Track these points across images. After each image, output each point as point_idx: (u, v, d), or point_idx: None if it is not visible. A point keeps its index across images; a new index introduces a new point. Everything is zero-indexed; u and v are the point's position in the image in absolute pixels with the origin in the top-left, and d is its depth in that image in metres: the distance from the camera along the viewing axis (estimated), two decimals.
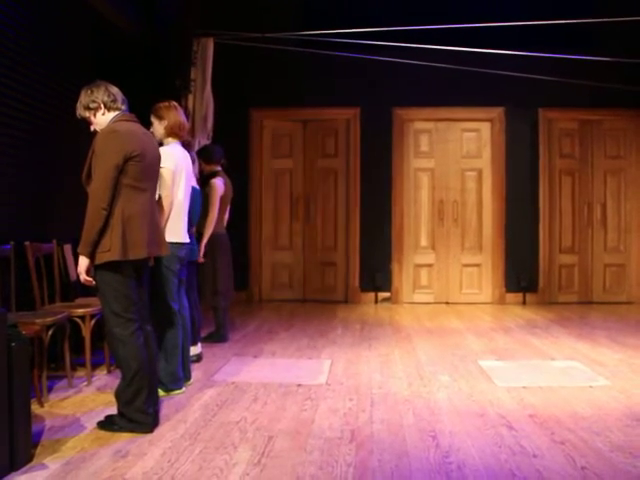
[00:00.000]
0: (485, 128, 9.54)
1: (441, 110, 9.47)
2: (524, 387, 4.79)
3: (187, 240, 4.71)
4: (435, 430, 3.83)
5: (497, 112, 9.42)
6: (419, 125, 9.58)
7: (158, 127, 4.58)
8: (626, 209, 9.51)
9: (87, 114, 3.85)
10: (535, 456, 3.40)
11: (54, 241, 5.35)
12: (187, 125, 4.85)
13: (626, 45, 8.44)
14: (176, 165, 4.48)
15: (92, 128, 3.88)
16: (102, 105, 3.82)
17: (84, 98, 3.85)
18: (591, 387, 4.80)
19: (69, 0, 5.99)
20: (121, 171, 3.66)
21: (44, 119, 5.56)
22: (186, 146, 5.45)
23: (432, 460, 3.35)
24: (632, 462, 3.30)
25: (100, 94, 3.82)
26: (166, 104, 4.67)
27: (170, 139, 4.60)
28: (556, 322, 7.84)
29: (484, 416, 4.10)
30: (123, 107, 3.87)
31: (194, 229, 5.65)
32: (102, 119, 3.83)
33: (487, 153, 9.54)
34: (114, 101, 3.83)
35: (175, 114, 4.64)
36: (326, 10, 8.75)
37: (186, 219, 4.72)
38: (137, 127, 3.90)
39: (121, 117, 3.83)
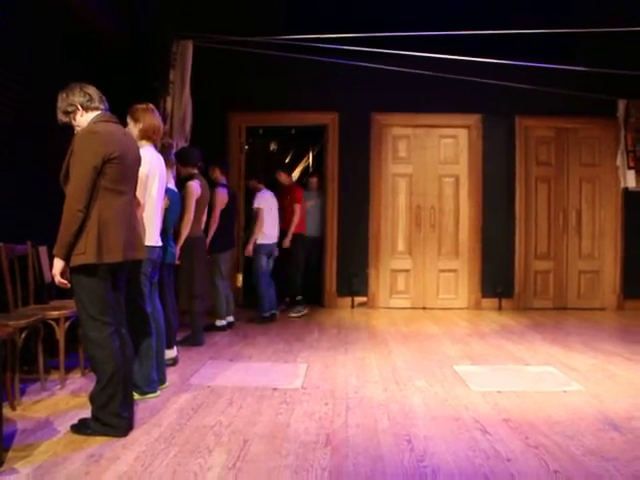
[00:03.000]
0: (462, 135, 9.60)
1: (419, 116, 9.50)
2: (499, 392, 4.82)
3: (159, 243, 4.71)
4: (410, 434, 3.84)
5: (474, 119, 9.49)
6: (397, 131, 9.62)
7: (133, 129, 4.52)
8: (600, 216, 9.63)
9: (66, 119, 3.83)
10: (509, 460, 3.42)
11: (28, 242, 5.29)
12: (162, 129, 4.81)
13: (601, 55, 8.56)
14: (149, 169, 4.45)
15: (76, 131, 3.83)
16: (79, 107, 3.79)
17: (61, 103, 3.82)
18: (565, 392, 4.85)
19: (47, 2, 5.93)
20: (99, 173, 3.62)
21: (20, 121, 5.49)
22: (165, 148, 5.42)
23: (407, 464, 3.36)
24: (604, 466, 3.33)
25: (75, 96, 3.79)
26: (143, 106, 4.61)
27: (144, 142, 4.54)
28: (531, 328, 7.91)
29: (459, 420, 4.12)
30: (102, 106, 3.83)
31: (172, 231, 5.63)
32: (82, 120, 3.80)
33: (464, 159, 9.60)
34: (91, 100, 3.79)
35: (151, 117, 4.59)
36: (307, 15, 8.76)
37: (158, 222, 4.70)
38: (117, 128, 3.86)
39: (101, 118, 3.79)
